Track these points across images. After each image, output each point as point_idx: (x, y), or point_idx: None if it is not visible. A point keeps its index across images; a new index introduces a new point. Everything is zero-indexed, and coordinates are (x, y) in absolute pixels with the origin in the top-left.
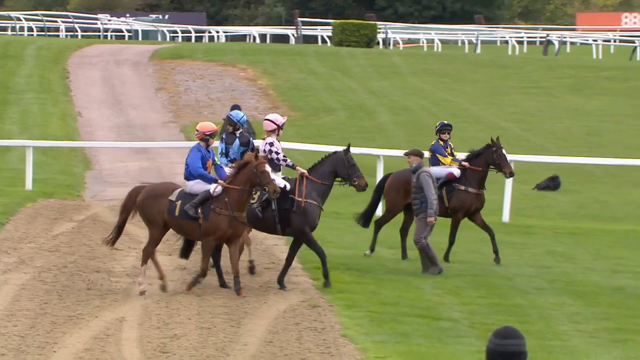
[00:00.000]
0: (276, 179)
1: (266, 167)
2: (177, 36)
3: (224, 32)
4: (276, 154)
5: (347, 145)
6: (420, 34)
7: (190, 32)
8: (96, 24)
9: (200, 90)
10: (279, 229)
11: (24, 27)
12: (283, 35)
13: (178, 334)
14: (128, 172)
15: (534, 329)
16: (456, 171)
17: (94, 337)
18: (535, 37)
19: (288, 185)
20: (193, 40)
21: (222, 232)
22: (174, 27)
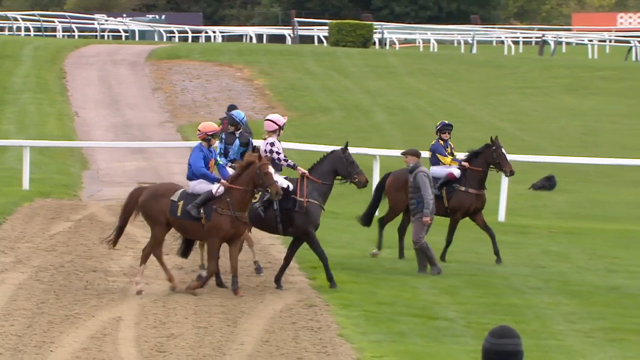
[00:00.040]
0: (279, 179)
1: (269, 169)
2: (174, 36)
3: (220, 32)
4: (277, 154)
5: (345, 144)
6: (417, 34)
7: (187, 32)
8: (93, 24)
9: (196, 90)
10: (280, 229)
11: (21, 27)
12: (279, 36)
13: (175, 333)
14: (125, 172)
15: (530, 329)
16: (456, 171)
17: (91, 337)
18: (531, 37)
19: (291, 186)
20: (190, 40)
21: (225, 232)
22: (170, 27)
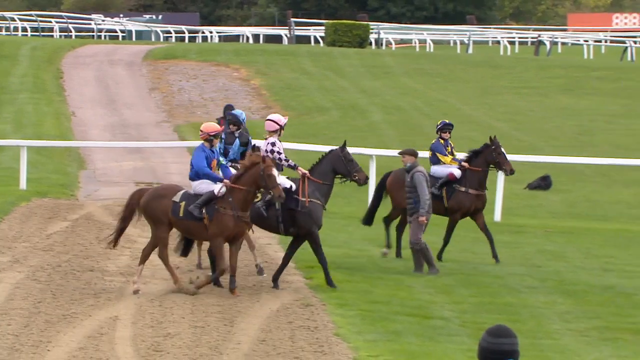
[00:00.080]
0: (281, 179)
1: (273, 171)
2: (171, 36)
3: (217, 33)
4: (278, 154)
5: (343, 142)
6: (413, 34)
7: (183, 33)
8: (90, 24)
9: (193, 90)
10: (281, 229)
11: (18, 27)
12: (276, 36)
13: (172, 332)
14: (122, 172)
15: (525, 328)
16: (457, 172)
17: (87, 336)
18: (527, 38)
19: (294, 186)
20: (186, 40)
21: (230, 232)
22: (167, 28)
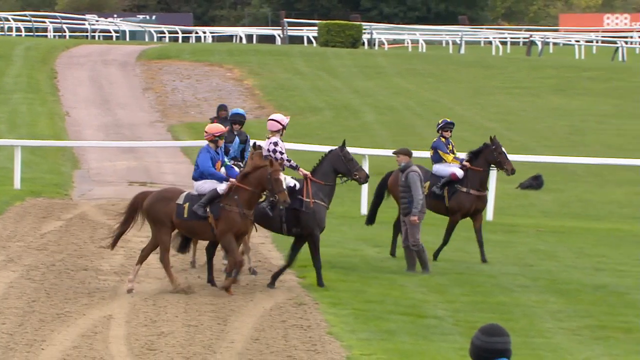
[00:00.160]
0: (285, 178)
1: (280, 176)
2: (164, 36)
3: (210, 33)
4: (280, 153)
5: (343, 142)
6: (405, 34)
7: (177, 33)
8: (84, 24)
9: (187, 90)
10: (284, 229)
11: (12, 28)
12: (269, 36)
13: (165, 331)
14: (116, 171)
15: (518, 327)
16: (459, 172)
17: (81, 335)
18: (519, 38)
19: (297, 184)
20: (180, 40)
21: (237, 228)
22: (161, 28)
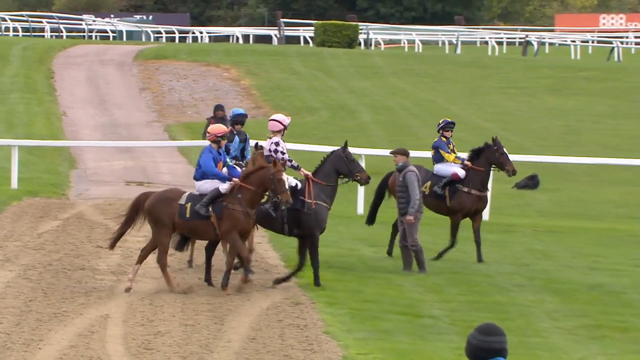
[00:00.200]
0: (287, 178)
1: (283, 176)
2: (161, 37)
3: (207, 33)
4: (282, 154)
5: (345, 143)
6: (401, 34)
7: (174, 33)
8: (81, 24)
9: (184, 90)
10: (286, 229)
11: (9, 28)
12: (266, 36)
13: (162, 331)
14: (112, 171)
15: (514, 326)
16: (461, 172)
17: (78, 334)
18: (515, 38)
19: (299, 184)
20: (177, 40)
21: (242, 226)
22: (158, 28)
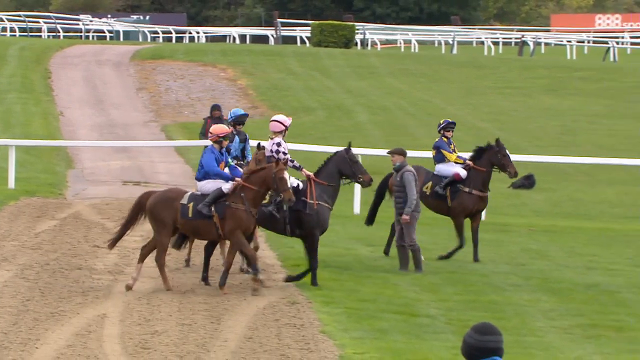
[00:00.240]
0: (290, 178)
1: (285, 175)
2: (158, 37)
3: (204, 33)
4: (283, 154)
5: (348, 144)
6: (398, 34)
7: (171, 33)
8: (78, 24)
9: (180, 90)
10: (288, 230)
11: (6, 28)
12: (262, 36)
13: (159, 330)
14: (109, 171)
15: (510, 325)
16: (462, 172)
17: (75, 334)
18: (511, 38)
19: (301, 184)
20: (174, 40)
21: (246, 225)
22: (154, 28)
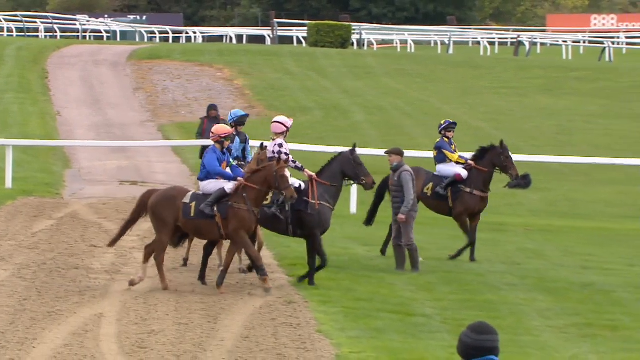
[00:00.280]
0: (290, 179)
1: (285, 172)
2: (155, 37)
3: (201, 33)
4: (285, 155)
5: (353, 145)
6: (394, 35)
7: (167, 33)
8: (75, 24)
9: (177, 90)
10: (290, 230)
11: (3, 28)
12: (259, 36)
13: (156, 329)
14: (106, 171)
15: (506, 324)
16: (463, 172)
17: (72, 333)
18: (507, 38)
19: (303, 185)
20: (170, 40)
21: (249, 225)
22: (151, 28)
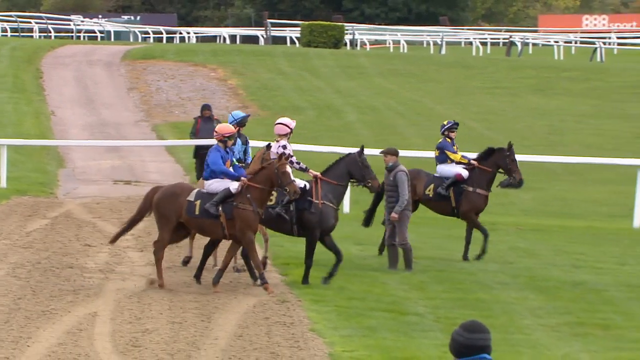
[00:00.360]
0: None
1: (287, 169)
2: (149, 37)
3: (194, 33)
4: (289, 156)
5: (361, 147)
6: (387, 35)
7: (161, 33)
8: (69, 24)
9: (171, 90)
10: (295, 230)
11: None
12: (252, 36)
13: (150, 328)
14: (100, 170)
15: (498, 323)
16: (464, 172)
17: (67, 332)
18: (499, 39)
19: (307, 185)
20: (164, 41)
21: (255, 226)
22: (145, 28)
